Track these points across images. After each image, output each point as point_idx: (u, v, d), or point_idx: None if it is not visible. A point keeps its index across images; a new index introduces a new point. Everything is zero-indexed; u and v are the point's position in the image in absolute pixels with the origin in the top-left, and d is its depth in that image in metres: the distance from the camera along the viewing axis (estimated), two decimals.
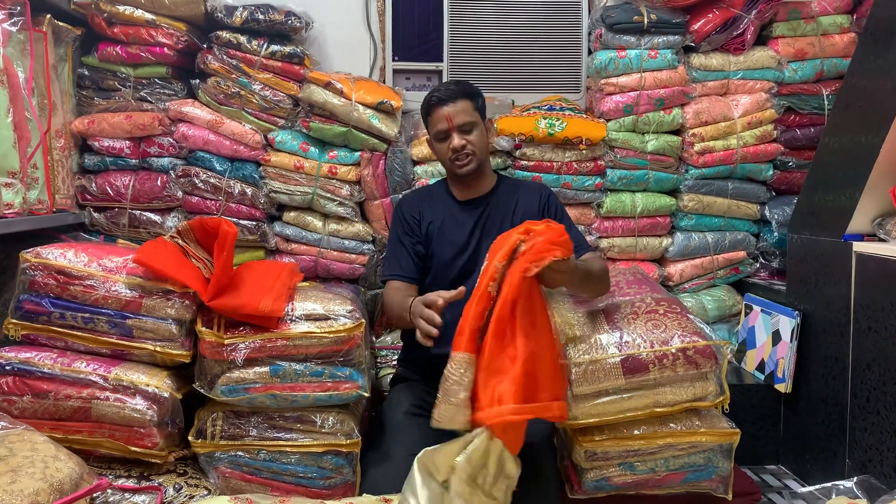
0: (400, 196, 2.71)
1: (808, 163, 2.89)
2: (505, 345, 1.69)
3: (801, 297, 2.52)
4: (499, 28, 3.04)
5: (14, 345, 2.08)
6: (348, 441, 2.09)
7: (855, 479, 2.02)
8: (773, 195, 2.98)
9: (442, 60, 3.04)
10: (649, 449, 2.11)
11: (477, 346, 1.71)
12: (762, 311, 2.73)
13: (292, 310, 2.13)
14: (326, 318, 2.13)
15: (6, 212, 2.15)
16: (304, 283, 2.49)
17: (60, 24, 2.53)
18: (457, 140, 2.18)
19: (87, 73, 2.74)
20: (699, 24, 2.85)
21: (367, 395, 2.13)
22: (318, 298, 2.21)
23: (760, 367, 2.66)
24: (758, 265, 3.00)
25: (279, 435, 2.12)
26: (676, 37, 2.85)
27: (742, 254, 2.97)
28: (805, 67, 2.92)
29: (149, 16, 2.67)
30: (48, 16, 2.44)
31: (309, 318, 2.13)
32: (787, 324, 2.53)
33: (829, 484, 2.04)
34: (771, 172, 2.94)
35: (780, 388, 2.52)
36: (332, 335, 2.09)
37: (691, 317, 2.22)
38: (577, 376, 2.07)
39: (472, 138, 2.20)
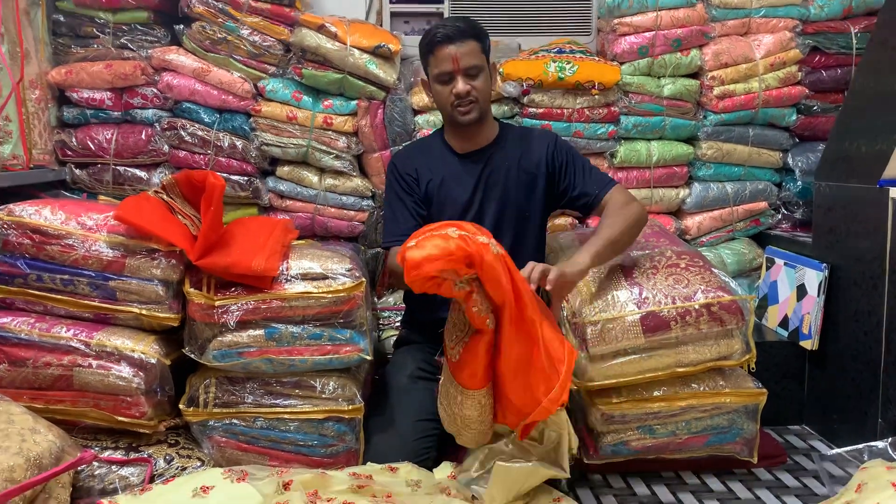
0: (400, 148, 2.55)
1: (835, 107, 2.72)
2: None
3: (829, 249, 2.37)
4: None
5: None
6: (350, 407, 1.97)
7: (890, 439, 1.91)
8: (797, 142, 2.81)
9: (442, 2, 2.87)
10: (670, 411, 2.00)
11: (491, 375, 1.72)
12: (785, 264, 2.58)
13: (287, 269, 1.99)
14: (324, 278, 1.99)
15: None
16: (300, 241, 2.36)
17: None
18: (461, 84, 2.00)
19: (62, 18, 2.57)
20: None
21: (369, 358, 2.00)
22: (314, 256, 2.07)
23: (784, 323, 2.53)
24: (780, 216, 2.85)
25: (277, 401, 2.00)
26: None
27: (763, 204, 2.81)
28: (832, 4, 2.74)
29: None
30: None
31: (305, 277, 1.99)
32: (813, 277, 2.39)
33: (861, 445, 1.93)
34: (794, 118, 2.77)
35: (806, 344, 2.39)
36: (330, 295, 1.96)
37: (715, 271, 2.08)
38: (594, 336, 1.95)
39: (478, 84, 2.02)
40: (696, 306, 1.96)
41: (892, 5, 2.26)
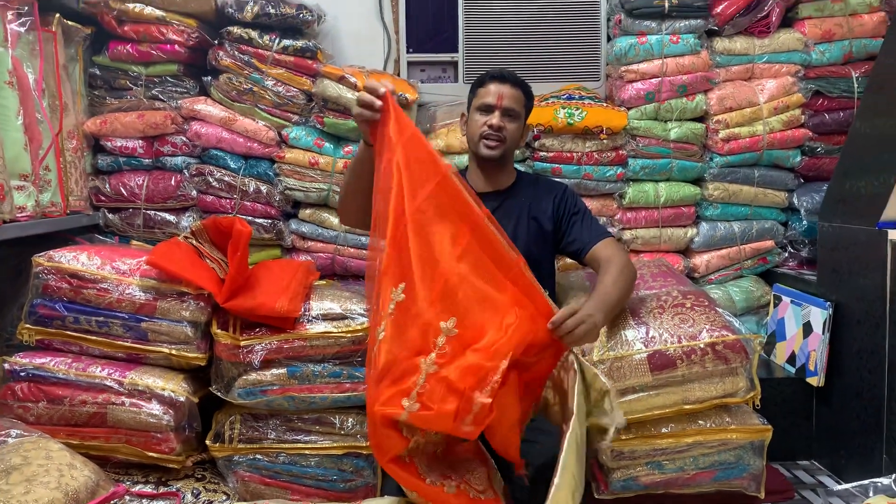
0: None
1: (838, 148, 2.80)
2: None
3: (833, 288, 2.44)
4: (514, 16, 2.97)
5: (28, 350, 2.06)
6: (368, 443, 2.05)
7: (894, 476, 1.95)
8: (802, 182, 2.89)
9: (457, 51, 2.98)
10: (678, 447, 2.05)
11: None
12: (792, 302, 2.64)
13: (309, 309, 2.10)
14: (344, 318, 2.09)
15: (19, 215, 2.12)
16: (321, 282, 2.46)
17: (70, 23, 2.50)
18: (497, 119, 2.13)
19: (98, 72, 2.71)
20: (722, 6, 2.76)
21: None
22: (335, 297, 2.17)
23: (791, 359, 2.58)
24: (786, 255, 2.91)
25: (298, 437, 2.09)
26: (699, 21, 2.76)
27: (770, 243, 2.88)
28: (833, 49, 2.82)
29: (159, 13, 2.63)
30: (57, 15, 2.41)
31: (326, 317, 2.09)
32: (818, 315, 2.45)
33: (866, 481, 1.97)
34: (799, 159, 2.84)
35: (812, 381, 2.44)
36: (349, 335, 2.06)
37: (719, 310, 2.15)
38: (602, 373, 2.01)
39: (511, 127, 2.16)
40: (702, 345, 2.03)
41: (888, 51, 2.35)
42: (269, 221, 2.73)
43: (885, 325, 2.15)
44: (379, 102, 1.73)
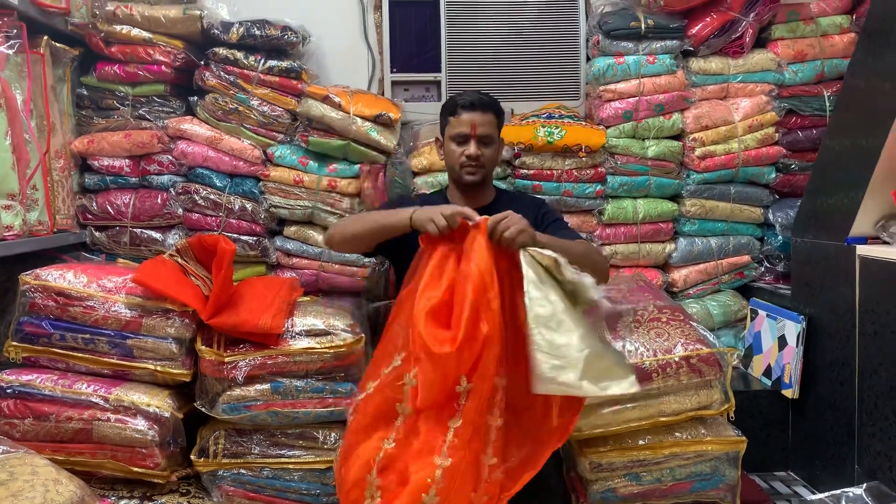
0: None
1: (811, 165, 2.86)
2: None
3: (807, 302, 2.50)
4: (496, 37, 3.04)
5: (15, 367, 2.08)
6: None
7: (864, 485, 2.00)
8: (777, 198, 2.95)
9: (440, 71, 3.04)
10: (655, 459, 2.09)
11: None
12: (767, 315, 2.70)
13: (292, 325, 2.14)
14: (327, 334, 2.13)
15: (6, 234, 2.15)
16: (305, 298, 2.50)
17: (58, 45, 2.53)
18: (473, 148, 2.14)
19: (85, 92, 2.75)
20: (697, 28, 2.83)
21: None
22: (318, 313, 2.21)
23: (767, 372, 2.64)
24: (762, 269, 2.97)
25: (282, 452, 2.12)
26: (674, 41, 2.83)
27: (746, 258, 2.95)
28: (805, 69, 2.90)
29: (146, 34, 2.68)
30: (45, 37, 2.45)
31: (309, 333, 2.13)
32: (792, 328, 2.51)
33: (838, 491, 2.03)
34: (774, 175, 2.91)
35: (788, 393, 2.50)
36: (332, 350, 2.10)
37: (694, 324, 2.20)
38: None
39: (488, 152, 2.17)
40: (676, 358, 2.08)
41: (855, 71, 2.42)
42: (255, 238, 2.77)
43: (854, 338, 2.21)
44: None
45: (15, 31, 2.25)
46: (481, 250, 1.69)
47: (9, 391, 2.01)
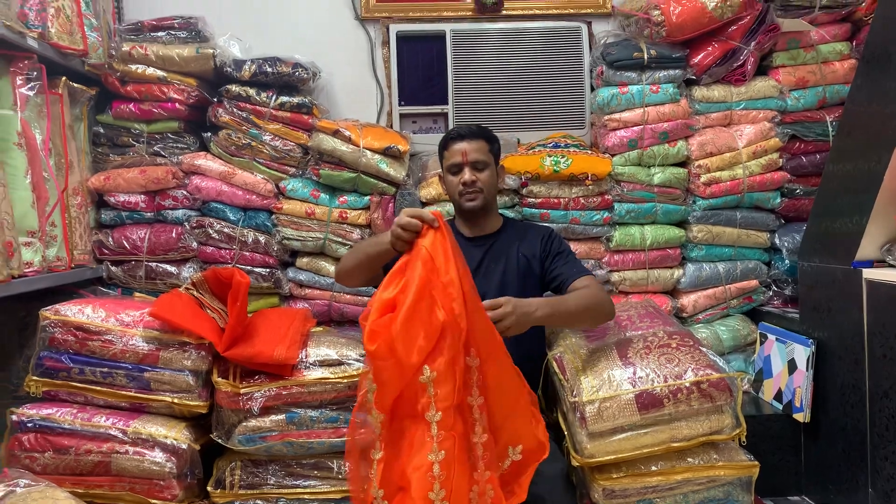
0: None
1: (816, 189, 2.89)
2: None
3: (815, 325, 2.51)
4: (501, 69, 3.10)
5: (35, 401, 2.11)
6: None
7: None
8: (783, 223, 2.99)
9: (447, 103, 3.09)
10: (668, 485, 2.10)
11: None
12: (777, 339, 2.72)
13: (306, 356, 2.17)
14: (340, 364, 2.16)
15: (26, 270, 2.20)
16: (318, 328, 2.53)
17: (75, 85, 2.60)
18: (468, 175, 2.24)
19: (102, 130, 2.82)
20: (699, 57, 2.89)
21: None
22: (331, 343, 2.24)
23: (778, 396, 2.64)
24: (771, 293, 2.99)
25: (297, 482, 2.14)
26: (677, 71, 2.89)
27: (754, 283, 2.97)
28: (807, 95, 2.95)
29: (160, 73, 2.75)
30: (63, 78, 2.52)
31: (323, 363, 2.16)
32: (801, 352, 2.52)
33: None
34: (779, 200, 2.95)
35: (799, 417, 2.50)
36: (345, 380, 2.12)
37: (704, 349, 2.22)
38: (592, 414, 2.08)
39: (483, 176, 2.26)
40: (687, 384, 2.09)
41: (855, 97, 2.46)
42: (268, 270, 2.81)
43: (864, 361, 2.22)
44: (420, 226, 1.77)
45: (35, 73, 2.32)
46: (432, 240, 1.73)
47: (29, 425, 2.04)
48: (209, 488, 2.11)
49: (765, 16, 2.86)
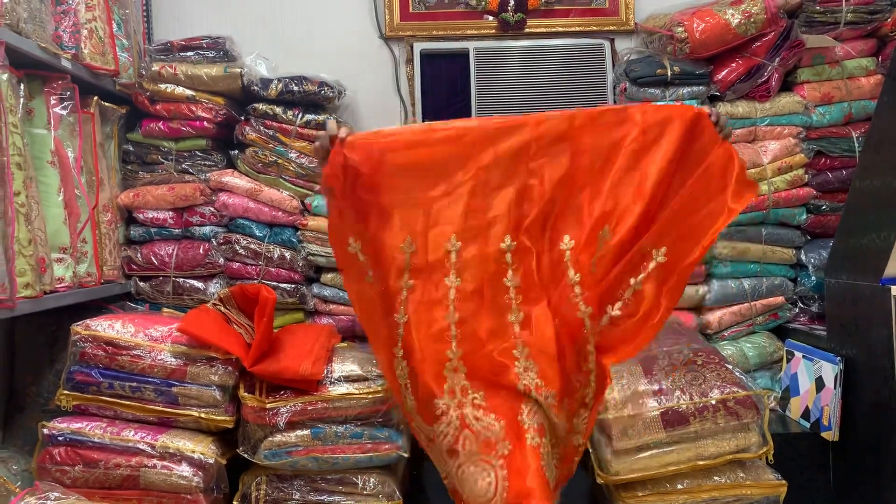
0: None
1: (842, 205, 2.87)
2: None
3: (843, 343, 2.49)
4: (524, 86, 3.10)
5: (65, 415, 2.15)
6: (390, 503, 2.11)
7: None
8: (809, 239, 2.96)
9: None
10: (694, 503, 2.08)
11: None
12: (804, 357, 2.69)
13: (331, 371, 2.18)
14: (365, 379, 2.18)
15: (58, 286, 2.24)
16: (343, 344, 2.55)
17: (107, 104, 2.66)
18: None
19: (131, 148, 2.87)
20: (723, 73, 2.88)
21: (406, 455, 2.15)
22: (355, 359, 2.26)
23: (805, 414, 2.61)
24: (797, 310, 2.96)
25: (322, 498, 2.15)
26: (701, 87, 2.88)
27: (780, 299, 2.94)
28: (833, 111, 2.93)
29: (189, 92, 2.80)
30: (95, 98, 2.57)
31: (348, 379, 2.18)
32: (829, 370, 2.49)
33: None
34: (805, 216, 2.93)
35: (827, 436, 2.47)
36: (370, 396, 2.13)
37: (730, 366, 2.21)
38: (618, 431, 2.07)
39: None
40: (713, 401, 2.09)
41: (882, 112, 2.45)
42: (293, 286, 2.84)
43: (893, 378, 2.19)
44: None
45: (68, 92, 2.38)
46: None
47: (60, 438, 2.07)
48: (235, 503, 2.12)
49: (789, 32, 2.85)
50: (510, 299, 1.70)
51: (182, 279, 2.82)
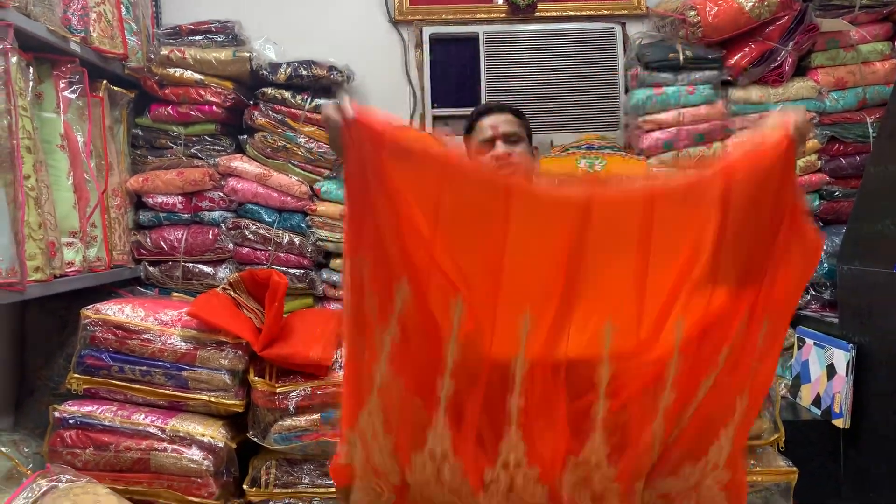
0: None
1: (855, 191, 2.84)
2: None
3: (855, 330, 2.47)
4: (534, 71, 3.08)
5: (76, 399, 2.15)
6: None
7: None
8: (822, 225, 2.93)
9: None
10: None
11: None
12: (815, 344, 2.67)
13: (341, 356, 2.17)
14: None
15: (68, 270, 2.24)
16: None
17: (115, 88, 2.65)
18: (501, 147, 1.87)
19: (140, 132, 2.86)
20: (736, 58, 2.86)
21: None
22: None
23: (816, 401, 2.60)
24: (809, 297, 2.94)
25: (330, 482, 2.14)
26: (713, 72, 2.86)
27: None
28: (847, 96, 2.90)
29: (198, 76, 2.79)
30: (104, 82, 2.56)
31: None
32: (841, 357, 2.48)
33: None
34: (817, 203, 2.90)
35: (838, 423, 2.46)
36: None
37: None
38: None
39: (518, 149, 1.89)
40: None
41: None
42: (302, 271, 2.83)
43: None
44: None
45: (77, 76, 2.37)
46: None
47: (71, 421, 2.08)
48: (245, 486, 2.13)
49: (803, 16, 2.82)
50: None
51: (191, 264, 2.83)
